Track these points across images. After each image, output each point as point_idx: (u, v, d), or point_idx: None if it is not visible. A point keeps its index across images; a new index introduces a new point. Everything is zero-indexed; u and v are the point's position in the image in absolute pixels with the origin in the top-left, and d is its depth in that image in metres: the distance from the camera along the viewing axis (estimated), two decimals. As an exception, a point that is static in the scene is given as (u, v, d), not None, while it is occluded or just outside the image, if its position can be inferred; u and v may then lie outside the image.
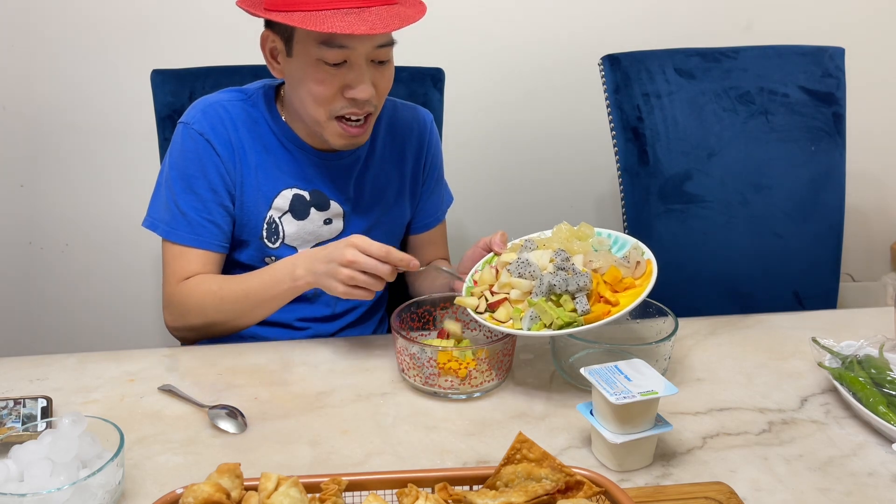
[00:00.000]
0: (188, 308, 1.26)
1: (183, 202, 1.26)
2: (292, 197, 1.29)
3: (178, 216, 1.27)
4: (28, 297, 2.18)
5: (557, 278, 1.07)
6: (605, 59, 1.68)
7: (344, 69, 1.17)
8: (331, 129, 1.22)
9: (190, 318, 1.27)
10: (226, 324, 1.27)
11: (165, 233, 1.28)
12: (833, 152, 1.73)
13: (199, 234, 1.27)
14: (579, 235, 1.18)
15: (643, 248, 1.14)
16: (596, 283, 1.08)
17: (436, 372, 1.08)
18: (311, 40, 1.15)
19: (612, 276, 1.09)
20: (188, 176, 1.26)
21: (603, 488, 0.77)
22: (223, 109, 1.28)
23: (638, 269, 1.11)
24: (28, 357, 1.21)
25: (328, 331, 1.38)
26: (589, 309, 1.05)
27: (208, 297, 1.25)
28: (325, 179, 1.31)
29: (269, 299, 1.23)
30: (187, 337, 1.33)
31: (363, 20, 1.09)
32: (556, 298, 1.07)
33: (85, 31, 1.97)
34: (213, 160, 1.26)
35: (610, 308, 1.06)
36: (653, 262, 1.11)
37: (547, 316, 1.05)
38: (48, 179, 2.08)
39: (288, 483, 0.73)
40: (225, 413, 1.04)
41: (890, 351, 1.12)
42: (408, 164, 1.40)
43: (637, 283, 1.10)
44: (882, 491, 0.91)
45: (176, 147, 1.28)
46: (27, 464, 0.84)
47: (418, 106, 1.45)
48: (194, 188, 1.26)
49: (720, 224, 1.71)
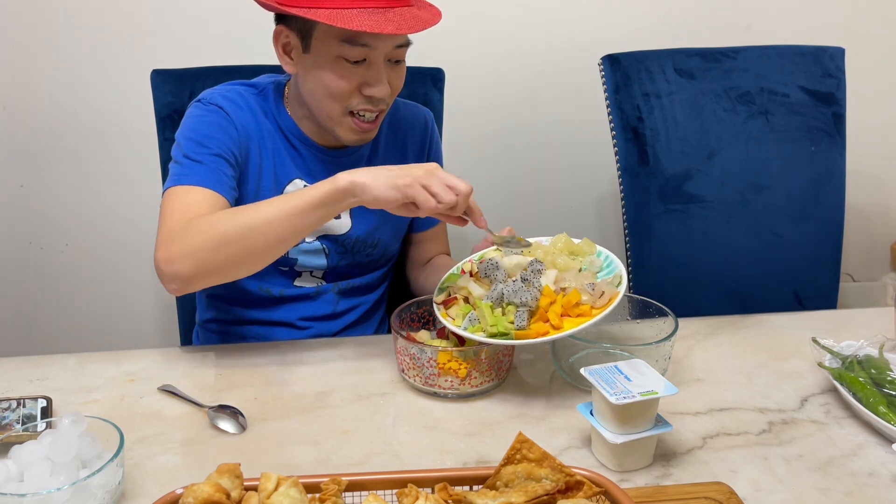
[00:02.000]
0: (197, 228, 1.09)
1: (195, 155, 1.20)
2: (303, 187, 1.30)
3: (190, 164, 1.19)
4: (28, 297, 2.18)
5: (509, 288, 1.08)
6: (605, 59, 1.68)
7: (363, 67, 1.18)
8: (344, 124, 1.23)
9: (196, 238, 1.08)
10: (238, 243, 1.08)
11: (178, 179, 1.17)
12: (833, 152, 1.73)
13: (213, 179, 1.19)
14: (574, 250, 1.18)
15: (622, 280, 1.11)
16: (549, 302, 1.08)
17: (436, 372, 1.08)
18: (333, 37, 1.15)
19: (569, 301, 1.08)
20: (203, 135, 1.22)
21: (603, 488, 0.77)
22: (241, 97, 1.28)
23: (601, 299, 1.08)
24: (28, 357, 1.21)
25: (330, 330, 1.38)
26: (526, 325, 1.06)
27: (221, 216, 1.11)
28: (331, 175, 1.31)
29: (301, 206, 1.07)
30: (180, 273, 1.09)
31: (389, 20, 1.11)
32: (504, 307, 1.08)
33: (85, 31, 1.97)
34: (229, 129, 1.24)
35: (549, 330, 1.05)
36: (619, 295, 1.08)
37: (484, 321, 1.07)
38: (48, 179, 2.08)
39: (288, 483, 0.73)
40: (225, 413, 1.04)
41: (890, 351, 1.12)
42: (409, 161, 1.40)
43: (593, 312, 1.07)
44: (882, 491, 0.91)
45: (190, 119, 1.25)
46: (27, 464, 0.84)
47: (419, 104, 1.45)
48: (207, 144, 1.22)
49: (720, 224, 1.71)
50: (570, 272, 1.13)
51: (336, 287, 1.37)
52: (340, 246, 1.34)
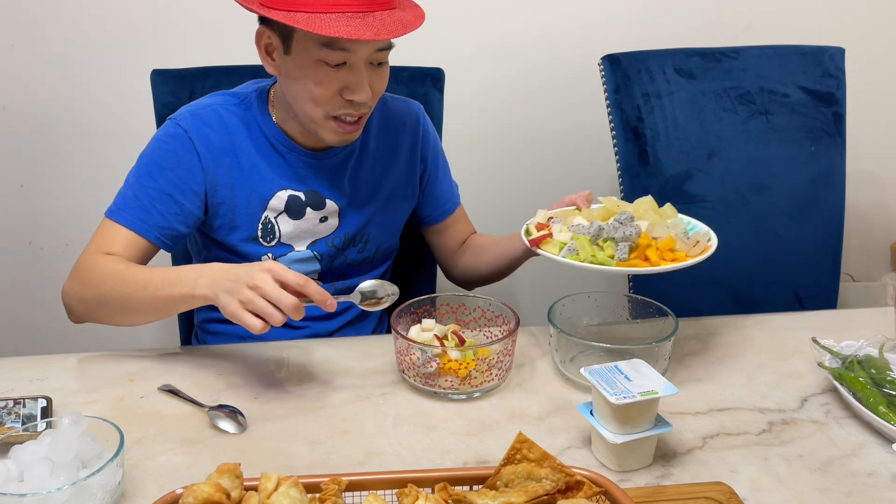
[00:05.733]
0: (90, 277, 1.18)
1: (139, 187, 1.23)
2: (287, 198, 1.30)
3: (130, 199, 1.23)
4: (28, 297, 2.17)
5: (610, 224, 1.11)
6: (605, 59, 1.68)
7: (343, 71, 1.17)
8: (326, 127, 1.23)
9: (87, 288, 1.19)
10: (115, 307, 1.18)
11: (111, 212, 1.23)
12: (833, 152, 1.73)
13: (141, 219, 1.22)
14: (659, 211, 1.20)
15: (711, 235, 1.16)
16: (646, 243, 1.10)
17: (436, 372, 1.08)
18: (312, 41, 1.15)
19: (666, 245, 1.11)
20: (156, 165, 1.24)
21: (603, 488, 0.77)
22: (215, 114, 1.28)
23: (695, 248, 1.11)
24: (28, 357, 1.21)
25: (327, 329, 1.38)
26: (626, 258, 1.08)
27: (111, 274, 1.17)
28: (319, 179, 1.31)
29: (165, 298, 1.12)
30: (75, 310, 1.23)
31: (368, 25, 1.10)
32: (602, 243, 1.11)
33: (85, 31, 1.97)
34: (190, 157, 1.25)
35: (659, 262, 1.08)
36: (712, 247, 1.12)
37: (584, 251, 1.09)
38: (48, 179, 2.08)
39: (288, 483, 0.73)
40: (225, 413, 1.04)
41: (890, 351, 1.12)
42: (402, 157, 1.40)
43: (688, 258, 1.11)
44: (882, 491, 0.91)
45: (154, 143, 1.27)
46: (27, 464, 0.84)
47: (407, 98, 1.45)
48: (155, 177, 1.23)
49: (720, 224, 1.69)
50: (660, 225, 1.14)
51: (332, 287, 1.37)
52: (331, 248, 1.34)
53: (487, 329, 1.20)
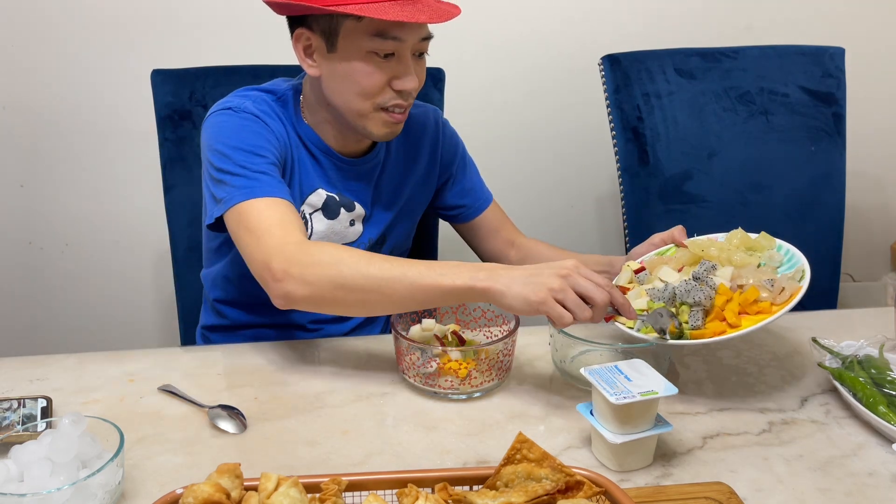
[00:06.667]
0: (318, 261, 1.06)
1: (254, 165, 1.16)
2: (326, 196, 1.29)
3: (256, 176, 1.15)
4: (28, 297, 2.18)
5: (681, 288, 1.07)
6: (605, 59, 1.68)
7: (392, 62, 1.17)
8: (375, 119, 1.21)
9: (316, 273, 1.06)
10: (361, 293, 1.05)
11: (250, 193, 1.13)
12: (833, 152, 1.73)
13: (283, 189, 1.16)
14: (751, 245, 1.15)
15: (804, 274, 1.07)
16: (725, 300, 1.05)
17: (436, 372, 1.08)
18: (362, 32, 1.14)
19: (746, 298, 1.04)
20: (252, 145, 1.18)
21: (603, 488, 0.77)
22: (266, 104, 1.25)
23: (781, 295, 1.04)
24: (28, 357, 1.21)
25: (339, 332, 1.38)
26: (701, 325, 1.04)
27: (348, 257, 1.07)
28: (348, 183, 1.31)
29: (430, 288, 1.03)
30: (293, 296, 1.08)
31: (420, 10, 1.11)
32: (678, 306, 1.07)
33: (85, 31, 1.97)
34: (270, 138, 1.21)
35: (726, 329, 1.02)
36: (801, 292, 1.03)
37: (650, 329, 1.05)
38: (48, 179, 2.08)
39: (288, 483, 0.73)
40: (225, 413, 1.04)
41: (890, 351, 1.12)
42: (421, 164, 1.40)
43: (773, 309, 1.03)
44: (882, 491, 0.91)
45: (228, 129, 1.20)
46: (27, 464, 0.84)
47: (425, 103, 1.45)
48: (262, 154, 1.18)
49: (720, 224, 1.70)
50: (748, 269, 1.09)
51: None
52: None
53: (487, 329, 1.20)
